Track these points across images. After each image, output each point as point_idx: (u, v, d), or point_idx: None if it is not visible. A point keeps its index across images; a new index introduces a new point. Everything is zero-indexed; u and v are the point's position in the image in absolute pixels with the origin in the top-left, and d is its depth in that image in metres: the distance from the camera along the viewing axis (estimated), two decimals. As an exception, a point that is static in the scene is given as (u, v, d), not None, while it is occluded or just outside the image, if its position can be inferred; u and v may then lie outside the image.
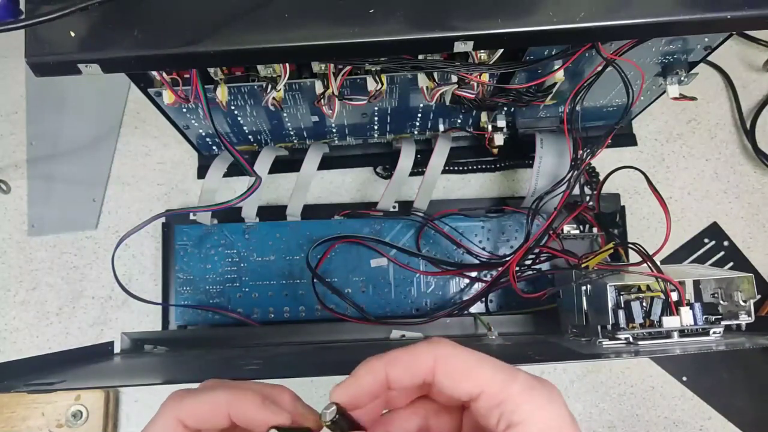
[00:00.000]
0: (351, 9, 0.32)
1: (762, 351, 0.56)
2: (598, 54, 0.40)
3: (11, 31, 0.30)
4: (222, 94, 0.43)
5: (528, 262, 0.52)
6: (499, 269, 0.52)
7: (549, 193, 0.51)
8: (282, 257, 0.55)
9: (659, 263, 0.41)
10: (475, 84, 0.44)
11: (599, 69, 0.43)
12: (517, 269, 0.50)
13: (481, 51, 0.40)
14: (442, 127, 0.56)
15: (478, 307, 0.55)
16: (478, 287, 0.55)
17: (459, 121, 0.56)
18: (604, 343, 0.41)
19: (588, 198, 0.54)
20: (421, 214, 0.56)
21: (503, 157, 0.59)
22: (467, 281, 0.55)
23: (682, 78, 0.46)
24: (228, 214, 0.56)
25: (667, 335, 0.40)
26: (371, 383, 0.24)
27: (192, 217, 0.56)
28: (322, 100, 0.44)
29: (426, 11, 0.32)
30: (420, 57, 0.40)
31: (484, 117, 0.54)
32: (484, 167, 0.60)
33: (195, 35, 0.32)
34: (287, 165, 0.58)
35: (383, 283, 0.55)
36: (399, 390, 0.25)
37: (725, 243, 0.60)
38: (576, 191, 0.50)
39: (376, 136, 0.57)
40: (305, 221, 0.56)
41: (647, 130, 0.62)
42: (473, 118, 0.55)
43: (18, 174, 0.60)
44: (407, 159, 0.54)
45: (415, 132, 0.57)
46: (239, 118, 0.50)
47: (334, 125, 0.54)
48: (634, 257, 0.43)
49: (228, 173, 0.54)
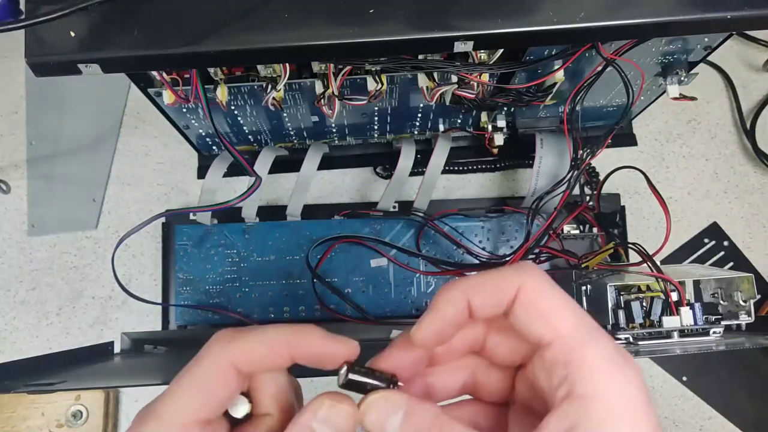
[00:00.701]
0: (351, 9, 0.32)
1: (762, 351, 0.56)
2: (598, 54, 0.40)
3: (11, 31, 0.30)
4: (222, 94, 0.43)
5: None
6: (499, 269, 0.52)
7: (549, 193, 0.51)
8: (282, 257, 0.55)
9: (659, 263, 0.41)
10: (475, 84, 0.44)
11: (599, 69, 0.43)
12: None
13: (481, 51, 0.40)
14: (442, 127, 0.56)
15: (478, 307, 0.55)
16: (478, 287, 0.55)
17: (459, 121, 0.56)
18: (604, 343, 0.41)
19: (588, 198, 0.54)
20: (421, 214, 0.56)
21: (503, 157, 0.59)
22: (467, 281, 0.55)
23: (682, 78, 0.46)
24: (228, 214, 0.56)
25: (667, 335, 0.40)
26: (454, 314, 0.21)
27: (192, 217, 0.56)
28: (322, 100, 0.44)
29: (426, 11, 0.32)
30: (420, 57, 0.40)
31: (484, 117, 0.54)
32: (484, 167, 0.60)
33: (195, 35, 0.32)
34: (287, 165, 0.58)
35: (383, 283, 0.55)
36: (457, 338, 0.22)
37: (725, 243, 0.60)
38: (576, 191, 0.50)
39: (376, 136, 0.57)
40: (305, 221, 0.56)
41: (647, 130, 0.62)
42: (473, 118, 0.55)
43: (18, 174, 0.60)
44: (407, 159, 0.54)
45: (415, 132, 0.57)
46: (239, 118, 0.50)
47: (334, 125, 0.54)
48: (634, 257, 0.43)
49: (228, 173, 0.54)
